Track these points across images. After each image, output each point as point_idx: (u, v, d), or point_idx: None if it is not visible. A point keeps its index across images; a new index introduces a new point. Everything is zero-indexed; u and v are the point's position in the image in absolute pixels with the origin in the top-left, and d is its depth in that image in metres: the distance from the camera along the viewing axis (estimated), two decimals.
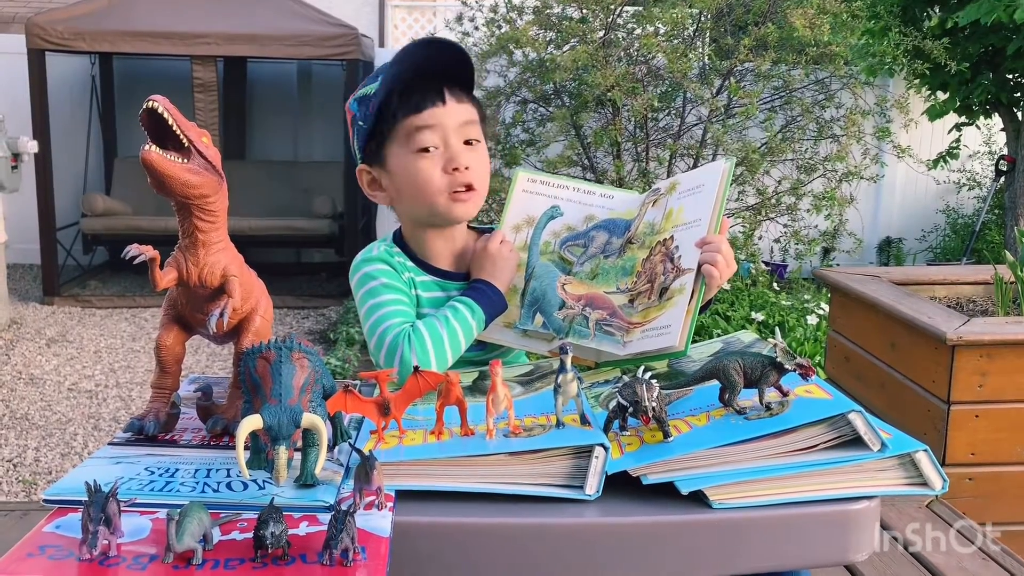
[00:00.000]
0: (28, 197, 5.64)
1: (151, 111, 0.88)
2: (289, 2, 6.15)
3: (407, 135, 1.27)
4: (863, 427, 0.91)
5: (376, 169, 1.34)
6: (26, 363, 4.63)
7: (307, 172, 6.81)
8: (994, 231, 6.35)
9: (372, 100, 1.29)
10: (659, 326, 1.14)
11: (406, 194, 1.31)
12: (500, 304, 1.28)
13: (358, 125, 1.32)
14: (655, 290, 1.19)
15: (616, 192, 1.37)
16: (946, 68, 4.92)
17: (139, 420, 1.00)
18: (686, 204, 1.24)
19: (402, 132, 1.27)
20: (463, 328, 1.23)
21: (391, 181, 1.32)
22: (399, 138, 1.28)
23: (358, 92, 1.33)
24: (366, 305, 1.29)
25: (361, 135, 1.32)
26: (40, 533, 0.79)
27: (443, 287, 1.34)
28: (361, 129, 1.32)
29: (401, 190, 1.31)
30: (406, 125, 1.27)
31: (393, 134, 1.28)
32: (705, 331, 4.55)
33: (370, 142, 1.32)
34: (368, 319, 1.28)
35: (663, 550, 0.90)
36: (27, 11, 8.25)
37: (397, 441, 0.96)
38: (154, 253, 0.94)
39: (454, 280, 1.35)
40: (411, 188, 1.29)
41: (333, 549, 0.74)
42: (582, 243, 1.31)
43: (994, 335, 2.09)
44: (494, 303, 1.27)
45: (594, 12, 4.59)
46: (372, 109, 1.28)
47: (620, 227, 1.30)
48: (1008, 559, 1.38)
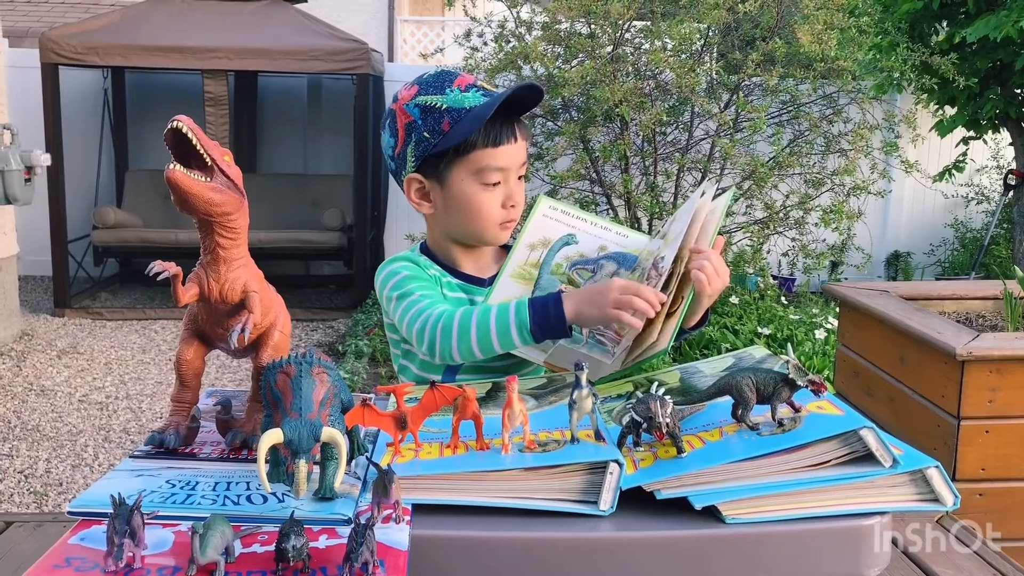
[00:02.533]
0: (40, 209, 5.68)
1: (176, 130, 0.90)
2: (299, 17, 6.20)
3: (478, 168, 1.32)
4: (875, 443, 0.92)
5: (431, 182, 1.35)
6: (37, 375, 4.66)
7: (317, 185, 6.86)
8: (1002, 245, 6.35)
9: (444, 117, 1.30)
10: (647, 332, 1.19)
11: (460, 215, 1.35)
12: (556, 324, 1.18)
13: (421, 135, 1.32)
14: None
15: (631, 233, 1.42)
16: (954, 83, 4.93)
17: (160, 433, 1.02)
18: (675, 228, 1.28)
19: (474, 162, 1.32)
20: (499, 324, 1.19)
21: (445, 199, 1.35)
22: (469, 165, 1.32)
23: (418, 98, 1.32)
24: (399, 297, 1.31)
25: (423, 146, 1.32)
26: (65, 545, 0.81)
27: (467, 291, 1.39)
28: (426, 141, 1.32)
29: (455, 211, 1.35)
30: (479, 157, 1.31)
31: (464, 161, 1.32)
32: (714, 345, 4.55)
33: (433, 156, 1.33)
34: (399, 309, 1.30)
35: (677, 565, 0.91)
36: (40, 26, 8.35)
37: (413, 455, 0.97)
38: (177, 270, 0.95)
39: (478, 285, 1.39)
40: (468, 213, 1.35)
41: (354, 562, 0.75)
42: (591, 268, 1.35)
43: (1004, 350, 2.09)
44: (548, 317, 1.19)
45: (602, 27, 4.62)
46: (444, 127, 1.30)
47: (630, 261, 1.35)
48: (1006, 565, 1.39)
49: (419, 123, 1.32)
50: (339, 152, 6.98)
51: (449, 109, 1.30)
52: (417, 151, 1.33)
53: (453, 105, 1.30)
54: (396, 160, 1.37)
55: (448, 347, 1.21)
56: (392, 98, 1.38)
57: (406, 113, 1.33)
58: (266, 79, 6.99)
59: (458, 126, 1.30)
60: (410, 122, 1.33)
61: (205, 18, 6.04)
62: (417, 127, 1.32)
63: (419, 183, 1.36)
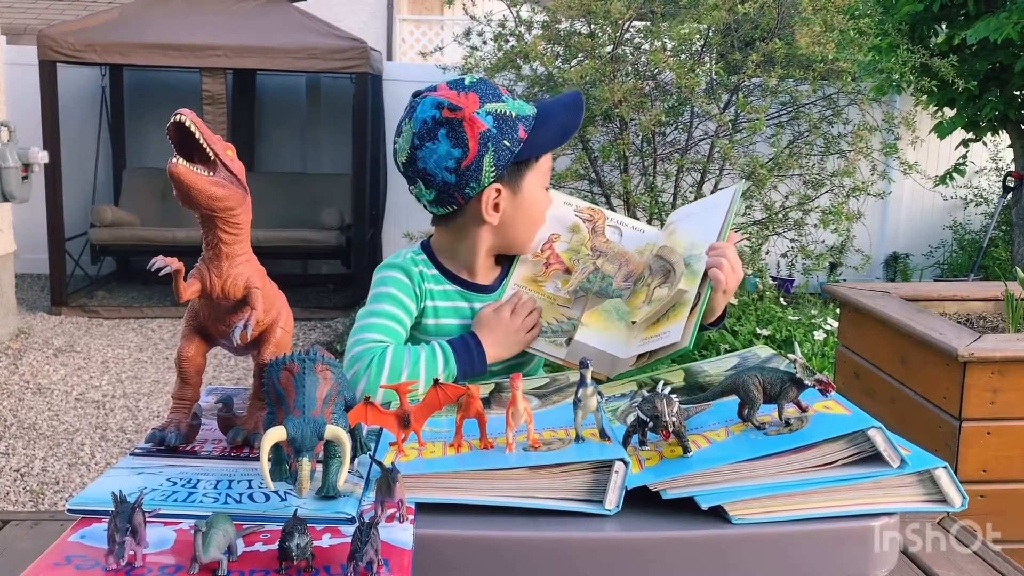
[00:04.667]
0: (37, 207, 5.67)
1: (179, 124, 0.89)
2: (298, 15, 6.19)
3: (546, 169, 1.37)
4: (883, 443, 0.91)
5: (506, 190, 1.34)
6: (34, 373, 4.64)
7: (315, 184, 6.85)
8: (1001, 247, 6.35)
9: (518, 124, 1.31)
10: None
11: (527, 220, 1.37)
12: (479, 368, 1.29)
13: (501, 144, 1.30)
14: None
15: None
16: (954, 85, 4.94)
17: (160, 431, 1.01)
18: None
19: (542, 166, 1.36)
20: (428, 373, 1.24)
21: (517, 207, 1.35)
22: (539, 170, 1.36)
23: (487, 106, 1.30)
24: (365, 308, 1.35)
25: (506, 155, 1.31)
26: (65, 543, 0.80)
27: (467, 298, 1.38)
28: (507, 150, 1.31)
29: (523, 218, 1.36)
30: (545, 161, 1.37)
31: (535, 166, 1.35)
32: (713, 346, 4.55)
33: (513, 164, 1.33)
34: (359, 320, 1.33)
35: (683, 565, 0.90)
36: (38, 23, 8.33)
37: (417, 453, 0.96)
38: (179, 265, 0.94)
39: (477, 292, 1.38)
40: (536, 218, 1.38)
41: (358, 561, 0.74)
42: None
43: (1006, 352, 2.09)
44: (473, 365, 1.28)
45: (602, 27, 4.61)
46: (521, 135, 1.32)
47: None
48: (1006, 566, 1.38)
49: (495, 132, 1.29)
50: (338, 151, 6.97)
51: (519, 116, 1.32)
52: (499, 160, 1.30)
53: (520, 112, 1.32)
54: (463, 172, 1.30)
55: (373, 385, 1.22)
56: (428, 106, 1.30)
57: (479, 122, 1.29)
58: (265, 77, 6.98)
59: (541, 132, 1.32)
60: (485, 131, 1.29)
61: (204, 16, 6.03)
62: (494, 136, 1.29)
63: (498, 192, 1.34)
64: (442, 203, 1.35)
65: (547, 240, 1.39)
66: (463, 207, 1.34)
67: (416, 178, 1.34)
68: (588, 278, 1.35)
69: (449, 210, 1.36)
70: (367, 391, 1.20)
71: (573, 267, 1.37)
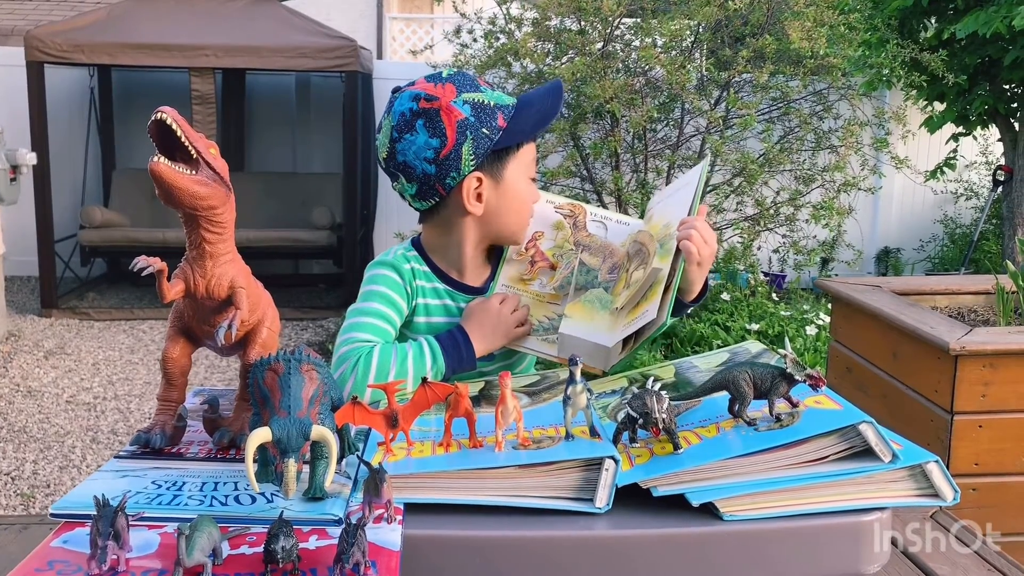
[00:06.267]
0: (26, 209, 5.64)
1: (159, 122, 0.88)
2: (288, 14, 6.17)
3: (527, 161, 1.35)
4: (874, 438, 0.91)
5: (488, 179, 1.32)
6: (24, 375, 4.61)
7: (306, 183, 6.83)
8: (992, 241, 6.37)
9: (496, 113, 1.30)
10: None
11: (512, 213, 1.35)
12: (468, 363, 1.28)
13: (480, 132, 1.29)
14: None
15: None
16: (943, 80, 4.94)
17: (145, 433, 1.00)
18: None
19: (525, 155, 1.34)
20: (416, 371, 1.24)
21: (500, 197, 1.33)
22: (522, 159, 1.34)
23: (463, 95, 1.29)
24: (355, 306, 1.34)
25: (485, 143, 1.30)
26: (47, 548, 0.78)
27: (453, 297, 1.37)
28: (486, 138, 1.29)
29: (507, 208, 1.34)
30: (529, 150, 1.35)
31: (518, 155, 1.34)
32: (704, 342, 4.55)
33: (493, 153, 1.31)
34: (348, 319, 1.32)
35: (674, 562, 0.90)
36: (26, 24, 8.28)
37: (405, 453, 0.96)
38: (162, 265, 0.93)
39: (463, 292, 1.37)
40: (521, 209, 1.36)
41: (344, 563, 0.73)
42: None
43: (997, 345, 2.09)
44: (462, 360, 1.27)
45: (593, 24, 4.61)
46: (500, 123, 1.30)
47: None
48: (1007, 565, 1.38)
49: (472, 120, 1.28)
50: (328, 150, 6.95)
51: (497, 105, 1.30)
52: (478, 149, 1.29)
53: (499, 102, 1.31)
54: (442, 162, 1.29)
55: (360, 385, 1.21)
56: (405, 99, 1.30)
57: (456, 111, 1.28)
58: (254, 77, 6.95)
59: (520, 120, 1.31)
60: (463, 120, 1.28)
61: (192, 15, 6.00)
62: (472, 124, 1.28)
63: (479, 181, 1.32)
64: (424, 196, 1.33)
65: (531, 239, 1.38)
66: (445, 199, 1.33)
67: (397, 172, 1.32)
68: (573, 272, 1.35)
69: (432, 203, 1.34)
70: (354, 391, 1.19)
71: (558, 264, 1.36)
